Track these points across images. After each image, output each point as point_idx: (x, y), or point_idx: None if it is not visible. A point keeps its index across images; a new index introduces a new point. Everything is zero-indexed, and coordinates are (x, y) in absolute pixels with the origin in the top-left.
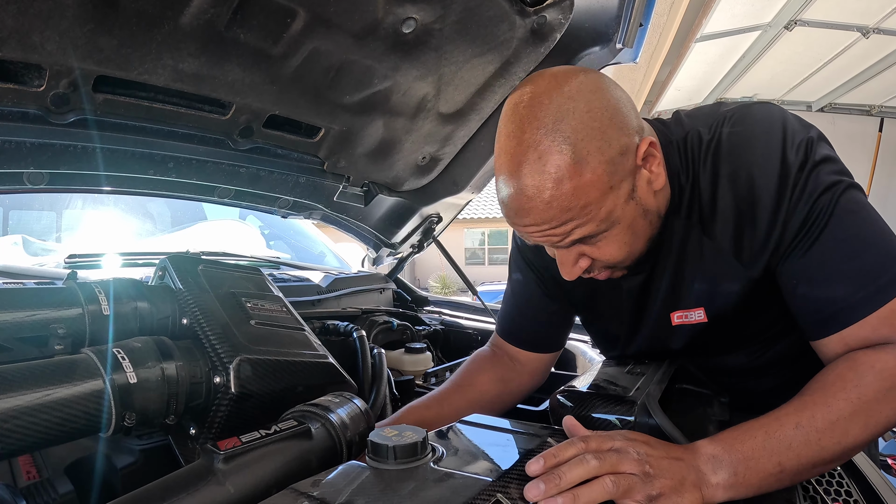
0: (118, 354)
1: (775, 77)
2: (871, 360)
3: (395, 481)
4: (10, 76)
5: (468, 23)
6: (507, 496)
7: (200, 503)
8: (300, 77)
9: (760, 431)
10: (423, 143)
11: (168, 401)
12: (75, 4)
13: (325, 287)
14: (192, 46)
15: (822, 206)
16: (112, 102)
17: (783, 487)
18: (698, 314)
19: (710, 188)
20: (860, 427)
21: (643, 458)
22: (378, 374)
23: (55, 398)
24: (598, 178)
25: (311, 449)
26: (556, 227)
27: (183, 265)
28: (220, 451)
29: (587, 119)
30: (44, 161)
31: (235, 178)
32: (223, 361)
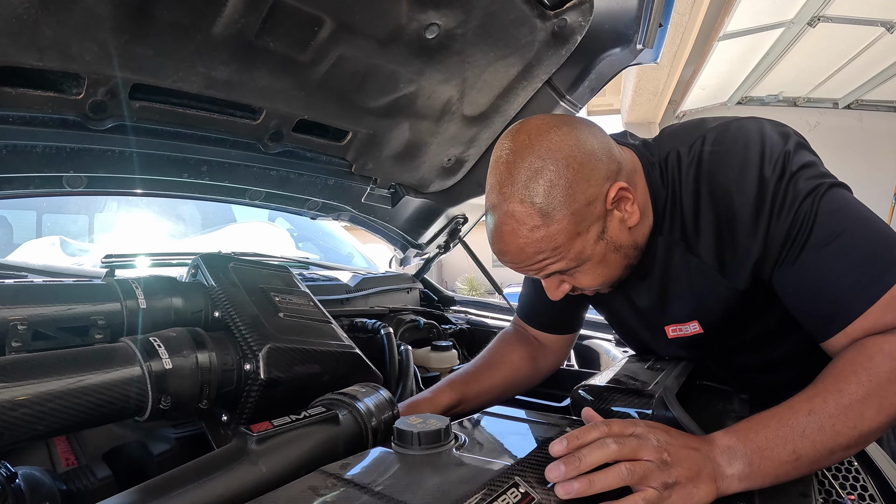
0: (154, 342)
1: (800, 74)
2: (880, 343)
3: (419, 465)
4: (50, 85)
5: (490, 27)
6: (525, 479)
7: (235, 481)
8: (327, 82)
9: (774, 421)
10: (447, 145)
11: (201, 387)
12: (112, 16)
13: (353, 286)
14: (223, 55)
15: (805, 212)
16: (148, 109)
17: (801, 476)
18: (693, 326)
19: (693, 206)
20: (875, 410)
21: (662, 445)
22: (405, 369)
23: (96, 382)
24: (565, 227)
25: (339, 434)
26: (532, 265)
27: (214, 263)
28: (253, 434)
29: (555, 178)
30: (82, 165)
31: (266, 180)
32: (253, 349)
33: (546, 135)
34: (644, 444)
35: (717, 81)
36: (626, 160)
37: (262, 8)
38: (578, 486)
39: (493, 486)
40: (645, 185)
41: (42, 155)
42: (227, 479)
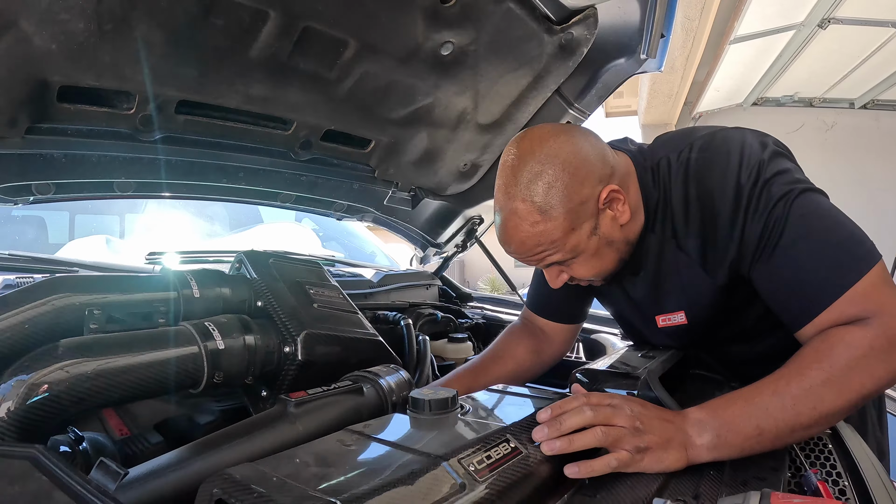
0: (209, 326)
1: (814, 75)
2: (842, 334)
3: (429, 426)
4: (104, 101)
5: (500, 43)
6: (516, 437)
7: (277, 437)
8: (352, 96)
9: (741, 399)
10: (463, 151)
11: (248, 364)
12: (162, 42)
13: (376, 282)
14: (259, 74)
15: (778, 215)
16: (191, 122)
17: (765, 450)
18: (680, 317)
19: (682, 207)
20: (834, 394)
21: (635, 415)
22: (422, 357)
23: (161, 358)
24: (561, 223)
25: (363, 403)
26: (533, 256)
27: (256, 259)
28: (292, 400)
29: (553, 180)
30: (132, 172)
31: (296, 185)
32: (292, 335)
33: (546, 142)
34: (618, 413)
35: (731, 83)
36: (620, 164)
37: (294, 33)
38: (559, 444)
39: (488, 440)
40: (637, 188)
41: (97, 163)
42: (271, 436)
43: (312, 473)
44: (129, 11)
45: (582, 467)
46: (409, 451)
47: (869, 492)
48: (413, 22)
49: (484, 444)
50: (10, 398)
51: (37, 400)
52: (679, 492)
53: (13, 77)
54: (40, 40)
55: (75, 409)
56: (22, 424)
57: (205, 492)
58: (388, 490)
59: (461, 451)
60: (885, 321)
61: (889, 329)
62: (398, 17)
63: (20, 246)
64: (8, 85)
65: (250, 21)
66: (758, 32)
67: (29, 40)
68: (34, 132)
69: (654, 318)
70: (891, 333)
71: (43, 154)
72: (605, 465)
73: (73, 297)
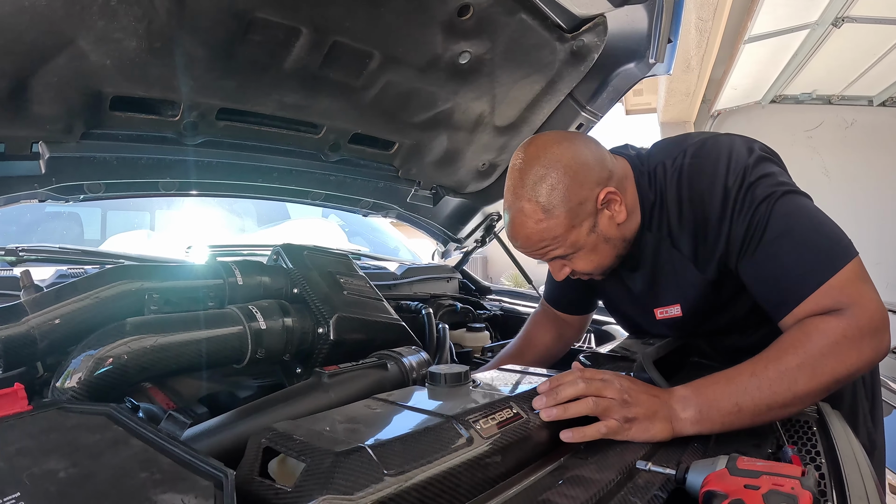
0: (252, 309)
1: (831, 73)
2: (817, 323)
3: (444, 395)
4: (152, 109)
5: (514, 51)
6: (518, 405)
7: (312, 403)
8: (377, 103)
9: (723, 379)
10: (482, 152)
11: (286, 343)
12: (205, 57)
13: (399, 275)
14: (292, 84)
15: (761, 215)
16: (230, 127)
17: (745, 426)
18: (675, 310)
19: (676, 209)
20: (807, 377)
21: (625, 389)
22: (441, 343)
23: (212, 335)
24: (562, 221)
25: (386, 377)
26: (537, 250)
27: (292, 251)
28: (325, 372)
29: (555, 182)
30: (176, 173)
31: (326, 184)
32: (325, 317)
33: (550, 148)
34: (608, 386)
35: (748, 81)
36: (618, 168)
37: (324, 46)
38: (555, 412)
39: (493, 406)
40: (634, 190)
41: (145, 165)
42: (307, 402)
43: (344, 428)
44: (175, 30)
45: (575, 433)
46: (425, 413)
47: (841, 469)
48: (432, 34)
49: (490, 409)
50: (80, 370)
51: (103, 371)
52: (664, 460)
53: (71, 89)
54: (96, 57)
55: (138, 378)
56: (91, 393)
57: (254, 443)
58: (406, 440)
59: (470, 413)
60: (857, 312)
61: (860, 319)
62: (418, 31)
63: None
64: (66, 96)
65: (284, 37)
66: (772, 32)
67: (86, 57)
68: (88, 137)
69: (653, 311)
70: (862, 323)
71: (96, 157)
72: (595, 431)
73: (136, 282)
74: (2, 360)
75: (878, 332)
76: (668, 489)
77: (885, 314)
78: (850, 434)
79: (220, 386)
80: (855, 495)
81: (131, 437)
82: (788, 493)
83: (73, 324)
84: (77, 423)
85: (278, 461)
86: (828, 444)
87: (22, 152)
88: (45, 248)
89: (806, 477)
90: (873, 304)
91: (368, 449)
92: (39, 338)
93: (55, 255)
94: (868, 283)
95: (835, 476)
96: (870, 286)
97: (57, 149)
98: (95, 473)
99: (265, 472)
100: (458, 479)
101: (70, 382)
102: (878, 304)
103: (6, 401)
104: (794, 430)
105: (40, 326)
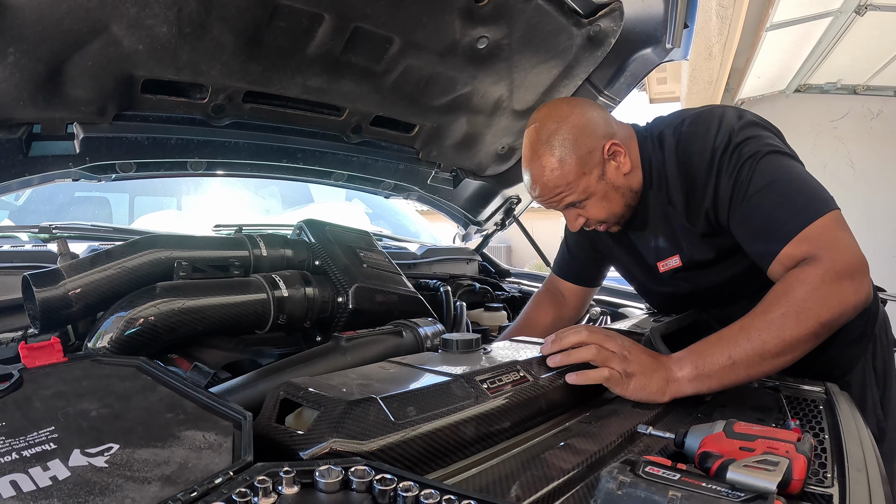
0: (276, 278)
1: (856, 62)
2: (797, 274)
3: (455, 359)
4: (181, 92)
5: (532, 36)
6: (525, 369)
7: (330, 364)
8: (398, 87)
9: (714, 338)
10: (501, 135)
11: (307, 311)
12: (233, 43)
13: (419, 255)
14: (316, 68)
15: (746, 172)
16: (256, 110)
17: (742, 380)
18: (675, 260)
19: (673, 170)
20: (793, 323)
21: (625, 346)
22: (458, 320)
23: (237, 300)
24: (573, 168)
25: (402, 344)
26: (553, 197)
27: (314, 226)
28: (343, 336)
29: (564, 135)
30: (204, 153)
31: (348, 165)
32: (344, 287)
33: (559, 108)
34: (610, 339)
35: (772, 70)
36: (622, 130)
37: (346, 32)
38: (559, 357)
39: (500, 368)
40: (637, 150)
41: (174, 146)
42: (325, 363)
43: (357, 383)
44: (205, 17)
45: (579, 375)
46: (435, 373)
47: (842, 441)
48: (451, 20)
49: (498, 370)
50: (111, 331)
51: (133, 331)
52: (667, 426)
53: (104, 73)
54: (128, 42)
55: (166, 338)
56: (121, 352)
57: (272, 396)
58: (415, 395)
59: (478, 374)
60: (834, 256)
61: (837, 263)
62: (437, 17)
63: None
64: (99, 79)
65: (308, 23)
66: (794, 19)
67: (119, 42)
68: (120, 119)
69: (657, 266)
70: (839, 266)
71: (127, 137)
72: (598, 374)
73: (166, 251)
74: (39, 322)
75: (856, 275)
76: (668, 452)
77: (862, 259)
78: (856, 413)
79: (242, 355)
80: (854, 467)
81: (158, 385)
82: (782, 455)
83: (106, 288)
84: (109, 373)
85: (294, 415)
86: (832, 421)
87: (57, 133)
88: (78, 225)
89: (801, 442)
90: (850, 250)
91: (379, 400)
92: (74, 300)
93: (87, 232)
94: (846, 231)
95: (836, 449)
96: (847, 234)
97: (91, 129)
98: (124, 413)
99: (282, 423)
100: (462, 432)
101: (101, 342)
102: (855, 250)
103: (43, 352)
104: (800, 408)
105: (76, 290)
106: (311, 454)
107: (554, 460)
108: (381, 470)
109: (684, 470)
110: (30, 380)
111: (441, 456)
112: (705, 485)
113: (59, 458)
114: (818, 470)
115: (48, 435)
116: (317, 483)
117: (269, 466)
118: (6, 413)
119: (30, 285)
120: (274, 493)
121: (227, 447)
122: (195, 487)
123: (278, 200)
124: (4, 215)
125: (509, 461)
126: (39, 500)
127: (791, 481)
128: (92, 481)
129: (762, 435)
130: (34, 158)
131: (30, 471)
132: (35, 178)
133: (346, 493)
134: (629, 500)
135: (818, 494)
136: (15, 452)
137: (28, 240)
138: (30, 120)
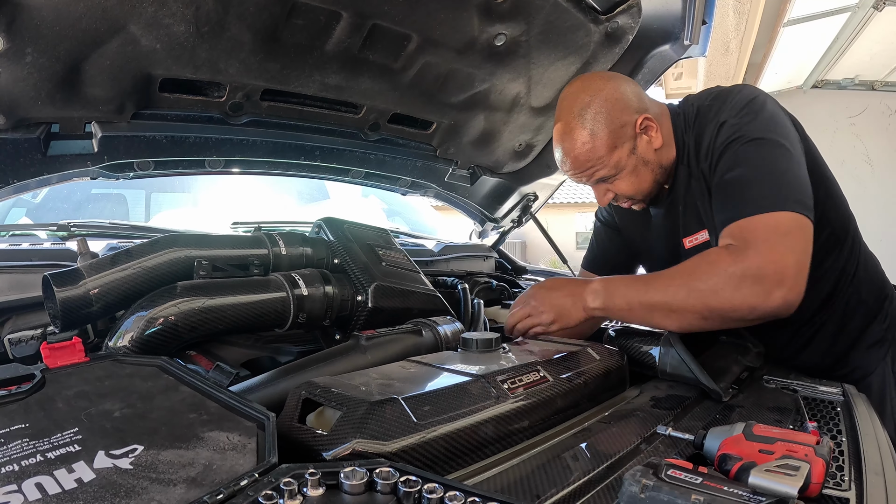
0: (295, 276)
1: (874, 57)
2: (713, 253)
3: (475, 358)
4: (200, 91)
5: (550, 33)
6: (544, 368)
7: (350, 363)
8: (416, 84)
9: (624, 282)
10: (518, 132)
11: (326, 309)
12: (250, 41)
13: (436, 252)
14: (334, 66)
15: (728, 156)
16: (274, 108)
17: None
18: (703, 235)
19: (702, 143)
20: (684, 295)
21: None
22: (475, 318)
23: (257, 300)
24: (605, 142)
25: (421, 343)
26: (584, 171)
27: (333, 224)
28: (363, 335)
29: (597, 108)
30: (222, 151)
31: (366, 162)
32: (364, 286)
33: (593, 82)
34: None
35: (790, 66)
36: (654, 106)
37: (363, 30)
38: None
39: (521, 368)
40: (670, 126)
41: (192, 144)
42: (345, 361)
43: (378, 384)
44: (222, 16)
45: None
46: (456, 373)
47: (860, 444)
48: (468, 17)
49: (518, 371)
50: (132, 330)
51: (154, 331)
52: (686, 427)
53: (122, 71)
54: (146, 41)
55: (187, 337)
56: (142, 351)
57: (294, 395)
58: (437, 395)
59: (498, 374)
60: (752, 255)
61: (751, 263)
62: (455, 14)
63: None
64: (117, 78)
65: (326, 21)
66: (811, 15)
67: (137, 41)
68: (138, 117)
69: (682, 242)
70: (750, 266)
71: (145, 136)
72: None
73: (186, 249)
74: (59, 321)
75: (765, 281)
76: (687, 454)
77: (787, 271)
78: (874, 416)
79: (261, 352)
80: (871, 470)
81: (181, 385)
82: (802, 459)
83: (126, 287)
84: (131, 372)
85: (316, 414)
86: (850, 423)
87: (76, 131)
88: (96, 223)
89: (820, 445)
90: (774, 256)
91: (401, 400)
92: (95, 300)
93: (105, 230)
94: (788, 237)
95: (853, 452)
96: (786, 241)
97: (109, 128)
98: (147, 414)
99: (303, 423)
100: (483, 433)
101: (122, 342)
102: (783, 259)
103: (65, 352)
104: (817, 409)
105: (96, 289)
106: (333, 455)
107: (574, 461)
108: (405, 471)
109: (706, 473)
110: (52, 380)
111: (461, 456)
112: (727, 489)
113: (84, 460)
114: (835, 473)
115: (72, 436)
116: (342, 485)
117: (294, 468)
118: (30, 414)
119: (50, 285)
120: (299, 494)
121: (251, 448)
122: (221, 490)
123: (294, 197)
124: (22, 213)
125: (529, 461)
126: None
127: (810, 485)
128: (117, 483)
129: (781, 438)
130: (53, 157)
131: (55, 473)
132: (54, 177)
133: (370, 494)
134: (652, 503)
135: (835, 497)
136: (39, 454)
137: (47, 237)
138: (48, 119)
